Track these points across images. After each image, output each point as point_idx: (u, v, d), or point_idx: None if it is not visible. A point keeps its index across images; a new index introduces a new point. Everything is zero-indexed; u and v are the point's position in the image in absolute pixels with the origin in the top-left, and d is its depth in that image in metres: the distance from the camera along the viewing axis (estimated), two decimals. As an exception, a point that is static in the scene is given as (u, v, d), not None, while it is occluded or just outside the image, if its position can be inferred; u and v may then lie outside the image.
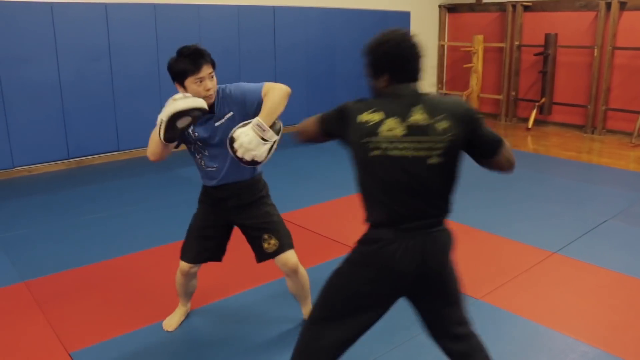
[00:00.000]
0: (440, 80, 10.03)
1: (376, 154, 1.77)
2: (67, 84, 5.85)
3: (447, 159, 1.78)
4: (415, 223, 1.80)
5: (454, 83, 9.87)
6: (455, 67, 9.80)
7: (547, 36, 8.22)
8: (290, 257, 2.69)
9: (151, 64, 6.37)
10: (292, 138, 2.43)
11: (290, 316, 3.04)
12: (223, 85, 2.56)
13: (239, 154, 2.32)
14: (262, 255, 2.70)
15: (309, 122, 2.03)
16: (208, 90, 2.45)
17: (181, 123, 2.35)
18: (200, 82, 2.43)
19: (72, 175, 5.84)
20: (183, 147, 2.66)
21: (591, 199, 5.17)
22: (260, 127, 2.33)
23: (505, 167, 1.91)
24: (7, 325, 2.96)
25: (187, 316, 3.04)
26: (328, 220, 4.52)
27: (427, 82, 9.89)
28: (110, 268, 3.65)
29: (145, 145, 2.58)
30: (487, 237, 4.20)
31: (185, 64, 2.40)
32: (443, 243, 1.86)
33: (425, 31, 9.61)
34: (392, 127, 1.76)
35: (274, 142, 2.40)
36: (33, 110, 5.70)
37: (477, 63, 9.06)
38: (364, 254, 1.87)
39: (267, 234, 2.65)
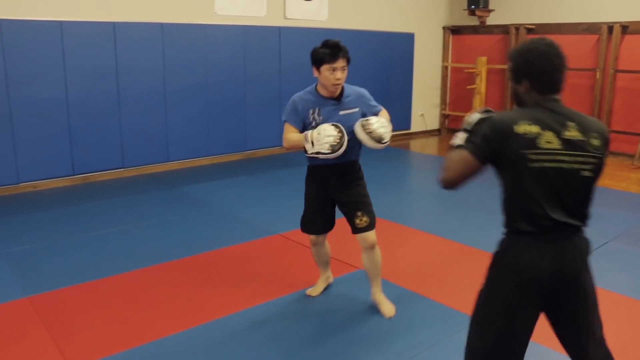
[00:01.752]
0: (443, 101, 10.09)
1: (535, 165, 1.84)
2: (74, 101, 5.93)
3: (595, 174, 1.91)
4: (558, 231, 1.89)
5: (457, 104, 9.94)
6: (458, 88, 9.87)
7: (549, 58, 8.27)
8: (372, 234, 3.14)
9: (157, 83, 6.45)
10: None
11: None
12: (350, 85, 3.07)
13: (373, 127, 2.88)
14: (355, 229, 3.14)
15: (461, 164, 1.92)
16: (338, 79, 2.89)
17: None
18: (333, 71, 2.87)
19: (77, 192, 5.88)
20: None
21: (593, 221, 5.09)
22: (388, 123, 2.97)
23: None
24: (11, 340, 2.97)
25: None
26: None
27: (431, 103, 9.96)
28: (114, 284, 3.66)
29: (150, 162, 2.70)
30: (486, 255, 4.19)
31: (325, 53, 2.86)
32: (581, 249, 1.96)
33: (429, 52, 9.71)
34: (550, 140, 1.84)
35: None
36: (39, 127, 5.77)
37: (481, 84, 9.13)
38: (505, 261, 1.95)
39: (360, 211, 3.10)
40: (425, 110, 9.86)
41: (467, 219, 5.13)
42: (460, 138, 1.99)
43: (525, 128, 1.83)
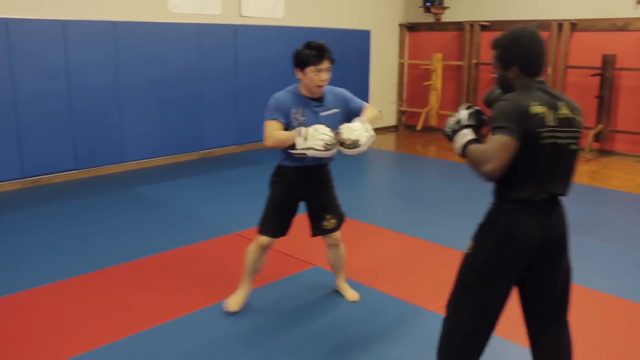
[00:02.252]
0: (400, 98, 10.19)
1: (544, 142, 2.00)
2: (23, 102, 5.75)
3: (578, 147, 2.13)
4: (550, 201, 2.08)
5: (414, 100, 10.05)
6: (415, 85, 9.99)
7: (502, 55, 8.44)
8: (338, 232, 3.24)
9: (110, 82, 6.32)
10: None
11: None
12: (329, 85, 3.03)
13: (346, 135, 2.79)
14: (319, 231, 3.19)
15: (504, 150, 1.94)
16: (322, 80, 2.90)
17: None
18: (318, 72, 2.87)
19: (27, 195, 5.72)
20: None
21: None
22: (364, 123, 2.86)
23: None
24: (-45, 349, 2.87)
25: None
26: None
27: (388, 99, 10.05)
28: (66, 288, 3.57)
29: (104, 163, 2.65)
30: (454, 253, 4.24)
31: (311, 55, 2.85)
32: (564, 216, 2.16)
33: (385, 49, 9.79)
34: (551, 119, 2.01)
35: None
36: (-13, 129, 5.59)
37: (437, 80, 9.25)
38: (500, 228, 2.09)
39: (330, 214, 3.16)
40: (383, 106, 9.93)
41: (426, 215, 5.19)
42: (468, 133, 2.11)
43: (537, 109, 1.99)
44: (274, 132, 2.93)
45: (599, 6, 7.75)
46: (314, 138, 2.75)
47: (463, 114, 2.18)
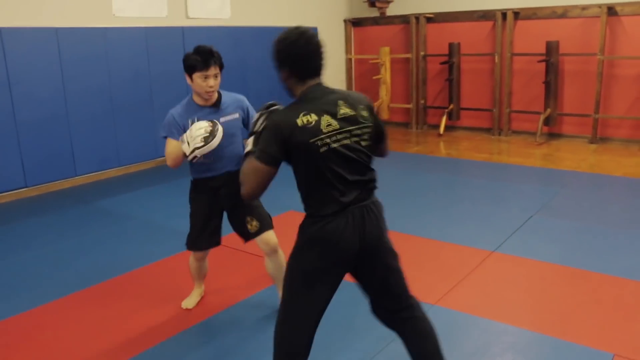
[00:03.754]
0: (350, 93, 10.18)
1: (324, 150, 1.96)
2: (-37, 118, 5.35)
3: (371, 141, 2.10)
4: (356, 203, 2.03)
5: (364, 94, 10.05)
6: (364, 79, 10.01)
7: (450, 45, 8.60)
8: (271, 236, 3.03)
9: (57, 92, 5.98)
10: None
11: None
12: (227, 91, 3.00)
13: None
14: (247, 236, 3.04)
15: (255, 175, 2.01)
16: (211, 87, 2.80)
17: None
18: (206, 78, 2.78)
19: (-25, 217, 5.33)
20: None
21: (512, 197, 5.43)
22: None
23: (386, 152, 2.32)
24: None
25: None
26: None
27: (338, 96, 10.00)
28: (35, 319, 3.29)
29: (56, 179, 2.59)
30: (427, 242, 4.25)
31: (197, 60, 2.76)
32: (377, 213, 2.10)
33: (332, 46, 9.75)
34: (329, 123, 1.98)
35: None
36: None
37: (385, 74, 9.30)
38: (311, 235, 2.05)
39: (249, 216, 2.98)
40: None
41: (396, 207, 5.17)
42: (250, 143, 2.09)
43: (306, 119, 1.95)
44: (168, 149, 2.86)
45: (539, -6, 8.00)
46: (192, 139, 2.69)
47: (256, 115, 2.17)
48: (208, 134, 2.68)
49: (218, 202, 3.02)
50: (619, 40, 7.47)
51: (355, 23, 9.93)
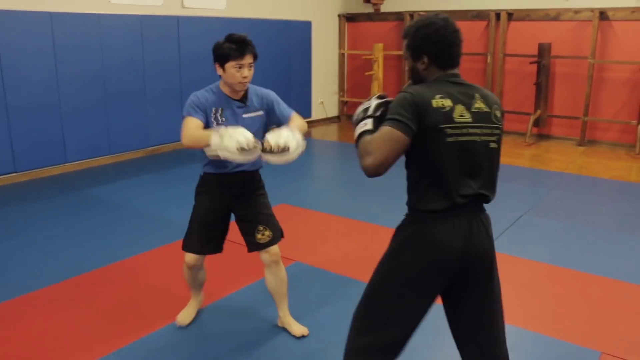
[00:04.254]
0: (341, 88, 10.21)
1: (451, 140, 1.78)
2: (-46, 100, 5.30)
3: (499, 145, 1.89)
4: (468, 206, 1.84)
5: (355, 90, 10.10)
6: (356, 75, 10.03)
7: (443, 44, 8.63)
8: (276, 248, 2.81)
9: (49, 77, 5.92)
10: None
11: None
12: (254, 85, 2.77)
13: (274, 140, 2.42)
14: (254, 246, 2.79)
15: (389, 142, 1.76)
16: (245, 77, 2.61)
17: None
18: (240, 68, 2.59)
19: (-36, 201, 5.28)
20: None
21: (502, 197, 5.38)
22: (294, 131, 2.51)
23: None
24: None
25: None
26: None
27: (330, 90, 10.04)
28: (28, 304, 3.29)
29: (46, 165, 2.43)
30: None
31: (232, 49, 2.57)
32: (486, 225, 1.90)
33: (326, 40, 9.77)
34: (462, 114, 1.81)
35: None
36: None
37: (378, 70, 9.32)
38: (411, 234, 1.88)
39: (262, 225, 2.76)
40: (325, 97, 9.93)
41: (387, 203, 5.21)
42: (368, 124, 1.87)
43: (441, 102, 1.79)
44: (190, 130, 2.56)
45: (533, -4, 8.07)
46: (230, 138, 2.39)
47: (373, 103, 1.94)
48: (246, 149, 2.38)
49: (227, 202, 2.80)
50: (609, 45, 7.57)
51: (349, 18, 9.94)
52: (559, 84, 8.02)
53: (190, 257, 2.85)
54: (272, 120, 2.77)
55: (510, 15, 8.20)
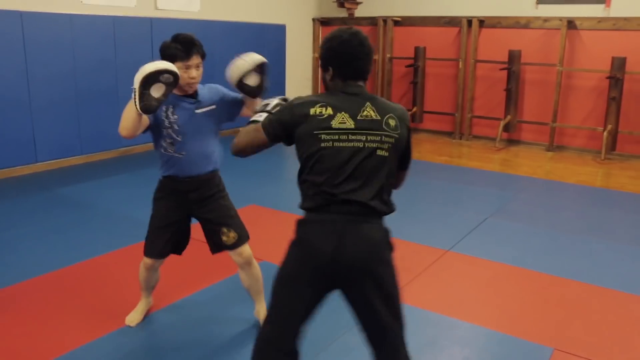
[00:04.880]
0: (315, 91, 10.28)
1: (328, 145, 1.87)
2: None
3: (391, 153, 1.93)
4: (346, 212, 1.87)
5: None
6: (331, 79, 10.08)
7: (416, 49, 8.77)
8: (246, 248, 2.83)
9: (20, 75, 5.88)
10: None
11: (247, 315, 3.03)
12: (202, 84, 2.75)
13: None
14: (218, 247, 2.82)
15: (251, 136, 2.00)
16: (193, 78, 2.60)
17: (156, 91, 2.40)
18: (187, 69, 2.57)
19: None
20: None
21: (470, 199, 5.59)
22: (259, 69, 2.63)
23: (401, 183, 2.23)
24: None
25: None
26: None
27: (303, 93, 10.05)
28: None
29: (15, 164, 2.43)
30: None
31: (177, 50, 2.55)
32: (371, 237, 1.91)
33: (300, 44, 9.84)
34: (343, 121, 1.88)
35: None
36: None
37: (353, 75, 9.39)
38: (297, 235, 1.96)
39: (226, 227, 2.77)
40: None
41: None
42: (261, 117, 2.06)
43: (319, 110, 1.88)
44: (125, 113, 2.52)
45: (504, 4, 8.22)
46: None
47: (273, 102, 2.15)
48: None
49: (186, 208, 2.78)
50: (577, 53, 7.76)
51: (323, 22, 10.03)
52: (529, 90, 8.19)
53: (148, 260, 2.87)
54: (227, 112, 2.79)
55: (482, 22, 8.35)
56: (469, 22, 8.38)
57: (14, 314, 3.12)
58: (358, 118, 1.89)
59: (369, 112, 1.90)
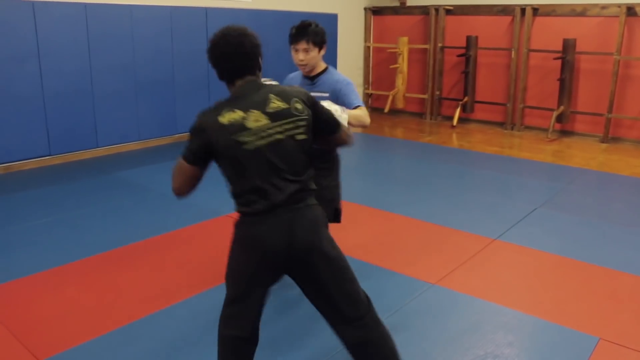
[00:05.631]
0: (366, 81, 10.32)
1: (249, 147, 1.89)
2: (-7, 86, 5.58)
3: (310, 134, 2.02)
4: (287, 203, 1.94)
5: (380, 83, 10.19)
6: (381, 68, 10.12)
7: (468, 38, 8.69)
8: None
9: (83, 65, 6.18)
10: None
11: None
12: (335, 70, 3.00)
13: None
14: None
15: (180, 172, 2.00)
16: (301, 60, 2.88)
17: None
18: (295, 52, 2.88)
19: (1, 182, 5.57)
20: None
21: (519, 190, 5.56)
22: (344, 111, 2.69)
23: (345, 142, 2.28)
24: (-35, 335, 2.83)
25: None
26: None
27: (355, 82, 10.11)
28: (64, 274, 3.55)
29: (78, 149, 2.59)
30: (433, 227, 4.42)
31: (291, 34, 2.88)
32: (312, 219, 1.99)
33: (352, 33, 9.88)
34: (257, 118, 1.91)
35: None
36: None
37: (403, 64, 9.41)
38: (239, 235, 2.01)
39: None
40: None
41: (403, 193, 5.34)
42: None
43: (229, 116, 1.89)
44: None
45: (559, -8, 8.06)
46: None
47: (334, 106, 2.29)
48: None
49: None
50: (636, 41, 7.53)
51: (375, 11, 10.03)
52: (583, 80, 8.01)
53: None
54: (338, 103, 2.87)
55: (536, 10, 8.20)
56: (523, 10, 8.24)
57: (80, 286, 3.36)
58: (268, 111, 1.92)
59: (275, 102, 1.94)
